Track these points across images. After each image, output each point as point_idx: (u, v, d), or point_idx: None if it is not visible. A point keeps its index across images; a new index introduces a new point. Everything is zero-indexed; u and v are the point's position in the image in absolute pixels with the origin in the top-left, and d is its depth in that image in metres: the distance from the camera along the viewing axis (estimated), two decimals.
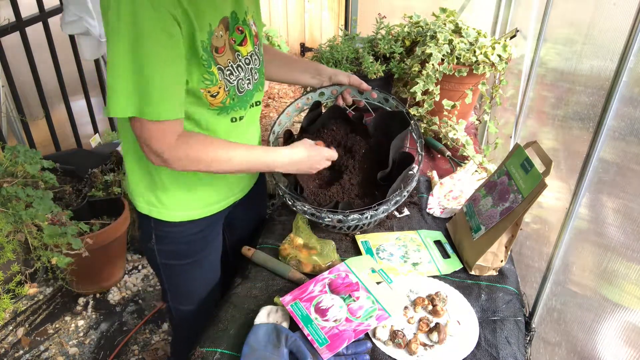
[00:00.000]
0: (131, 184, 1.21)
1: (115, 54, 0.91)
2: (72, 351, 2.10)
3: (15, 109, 2.35)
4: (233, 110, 1.14)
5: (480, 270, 1.22)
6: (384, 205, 1.22)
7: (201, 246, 1.29)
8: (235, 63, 1.09)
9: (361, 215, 1.21)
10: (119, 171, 2.43)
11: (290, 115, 1.46)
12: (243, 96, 1.14)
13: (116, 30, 0.89)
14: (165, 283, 1.34)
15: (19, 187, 1.62)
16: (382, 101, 1.40)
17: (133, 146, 1.12)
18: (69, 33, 2.29)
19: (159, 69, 0.92)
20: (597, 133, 1.06)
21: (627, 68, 0.98)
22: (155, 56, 0.91)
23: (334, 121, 1.42)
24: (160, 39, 0.91)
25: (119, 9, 0.87)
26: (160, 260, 1.28)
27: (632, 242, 0.94)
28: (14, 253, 1.59)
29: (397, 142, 1.28)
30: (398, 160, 1.28)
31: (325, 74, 1.38)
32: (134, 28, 0.88)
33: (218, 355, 1.02)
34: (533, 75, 1.70)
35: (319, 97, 1.44)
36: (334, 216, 1.22)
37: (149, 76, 0.92)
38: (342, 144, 1.40)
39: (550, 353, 1.28)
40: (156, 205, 1.19)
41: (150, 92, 0.93)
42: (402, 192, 1.24)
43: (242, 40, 1.10)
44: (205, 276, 1.36)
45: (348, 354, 0.99)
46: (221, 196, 1.26)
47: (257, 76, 1.19)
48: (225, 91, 1.08)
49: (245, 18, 1.10)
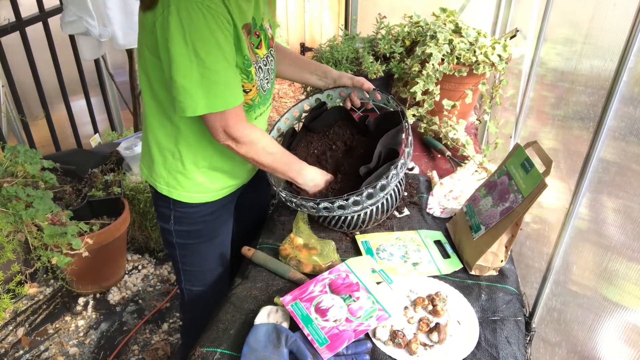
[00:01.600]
0: (151, 166, 1.29)
1: (177, 55, 1.00)
2: (72, 351, 2.10)
3: (15, 109, 2.35)
4: (258, 108, 1.25)
5: (480, 270, 1.22)
6: (355, 196, 1.19)
7: (215, 226, 1.38)
8: (257, 64, 1.18)
9: (332, 204, 1.19)
10: (119, 171, 2.44)
11: (297, 114, 1.48)
12: (265, 95, 1.26)
13: (175, 37, 0.98)
14: (180, 262, 1.42)
15: (19, 187, 1.62)
16: (385, 102, 1.40)
17: (156, 131, 1.22)
18: (69, 33, 2.29)
19: (221, 67, 1.03)
20: (597, 133, 1.06)
21: (627, 68, 0.98)
22: (216, 57, 1.02)
23: (340, 122, 1.43)
24: (217, 39, 1.01)
25: (179, 16, 0.97)
26: (176, 239, 1.36)
27: (632, 242, 0.94)
28: (14, 253, 1.59)
29: (385, 139, 1.27)
30: (384, 156, 1.27)
31: (330, 76, 1.44)
32: (191, 34, 0.98)
33: (218, 355, 1.02)
34: (533, 75, 1.70)
35: (327, 98, 1.46)
36: (307, 203, 1.21)
37: (214, 75, 1.03)
38: (346, 144, 1.40)
39: (550, 353, 1.28)
40: (176, 187, 1.27)
41: (219, 87, 1.04)
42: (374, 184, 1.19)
43: (258, 44, 1.19)
44: (217, 255, 1.44)
45: (348, 354, 0.99)
46: (234, 179, 1.35)
47: (272, 76, 1.29)
48: (257, 89, 1.19)
49: (262, 23, 1.19)
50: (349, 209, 1.21)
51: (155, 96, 1.17)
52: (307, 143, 1.43)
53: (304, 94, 2.06)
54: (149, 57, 1.11)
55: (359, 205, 1.20)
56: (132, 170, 2.46)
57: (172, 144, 1.22)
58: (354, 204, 1.20)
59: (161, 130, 1.22)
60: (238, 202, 1.46)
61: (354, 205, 1.20)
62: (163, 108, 1.18)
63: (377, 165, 1.24)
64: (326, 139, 1.43)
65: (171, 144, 1.23)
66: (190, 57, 1.00)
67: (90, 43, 2.37)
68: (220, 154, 1.26)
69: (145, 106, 1.22)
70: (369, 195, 1.19)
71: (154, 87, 1.16)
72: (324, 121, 1.42)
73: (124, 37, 2.29)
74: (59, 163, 2.04)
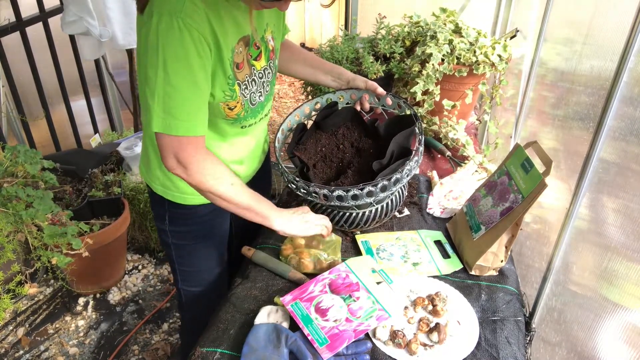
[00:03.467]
0: (148, 167, 1.28)
1: (149, 70, 0.98)
2: (72, 351, 2.10)
3: (15, 109, 2.35)
4: (245, 121, 1.21)
5: (480, 270, 1.22)
6: (370, 186, 1.19)
7: (211, 227, 1.37)
8: (251, 77, 1.16)
9: (346, 193, 1.19)
10: (119, 171, 2.44)
11: (308, 112, 1.49)
12: (255, 108, 1.21)
13: (151, 48, 0.96)
14: (176, 263, 1.41)
15: (19, 187, 1.62)
16: (396, 107, 1.40)
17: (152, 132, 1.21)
18: (69, 33, 2.29)
19: (186, 88, 0.99)
20: (597, 133, 1.06)
21: (627, 68, 0.98)
22: (184, 77, 0.98)
23: (349, 123, 1.44)
24: (189, 59, 0.97)
25: (157, 28, 0.94)
26: (172, 240, 1.36)
27: (632, 242, 0.94)
28: (14, 253, 1.59)
29: (399, 138, 1.28)
30: (396, 154, 1.28)
31: (345, 78, 1.43)
32: (165, 48, 0.95)
33: (218, 355, 1.02)
34: (533, 75, 1.70)
35: (338, 99, 1.47)
36: (320, 190, 1.21)
37: (177, 94, 0.98)
38: (354, 145, 1.41)
39: (550, 353, 1.28)
40: (171, 188, 1.27)
41: (178, 109, 1.00)
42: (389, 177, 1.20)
43: (257, 56, 1.17)
44: (213, 256, 1.43)
45: (348, 354, 0.99)
46: None
47: (268, 88, 1.25)
48: (242, 105, 1.16)
49: (263, 35, 1.17)
50: (362, 200, 1.21)
51: None
52: (315, 140, 1.43)
53: (304, 94, 2.06)
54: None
55: (372, 196, 1.21)
56: (132, 171, 2.46)
57: None
58: (368, 195, 1.20)
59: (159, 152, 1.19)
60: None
61: (368, 196, 1.21)
62: None
63: (390, 161, 1.26)
64: (334, 139, 1.44)
65: None
66: (158, 71, 0.96)
67: (90, 43, 2.37)
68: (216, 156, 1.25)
69: (143, 106, 1.22)
70: (383, 188, 1.20)
71: None
72: (333, 120, 1.43)
73: (124, 37, 2.30)
74: (59, 163, 2.04)
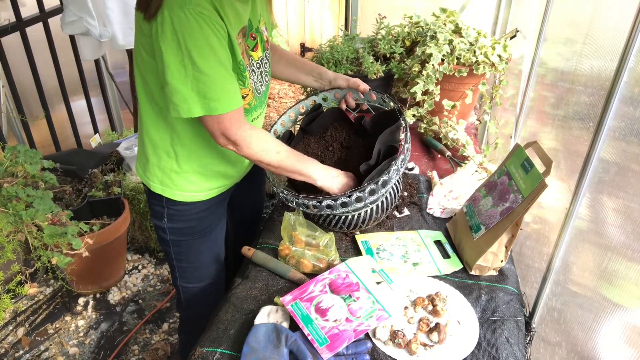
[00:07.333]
0: (146, 165, 1.30)
1: (171, 60, 1.00)
2: (72, 351, 2.10)
3: (15, 109, 2.35)
4: (254, 111, 1.25)
5: (480, 270, 1.22)
6: (357, 192, 1.18)
7: (208, 222, 1.39)
8: (250, 68, 1.18)
9: (334, 202, 1.19)
10: (118, 171, 2.44)
11: (293, 117, 1.47)
12: (260, 97, 1.25)
13: (169, 43, 0.99)
14: (174, 259, 1.43)
15: (19, 187, 1.62)
16: (381, 102, 1.40)
17: (151, 131, 1.23)
18: (69, 33, 2.29)
19: (214, 71, 1.02)
20: (597, 133, 1.06)
21: (627, 68, 0.98)
22: (208, 60, 1.01)
23: (335, 123, 1.43)
24: (210, 42, 1.00)
25: (172, 23, 0.97)
26: (170, 237, 1.37)
27: (632, 242, 0.94)
28: (14, 253, 1.59)
29: (384, 137, 1.27)
30: (383, 153, 1.27)
31: (326, 78, 1.44)
32: (185, 39, 0.98)
33: (218, 355, 1.02)
34: (533, 75, 1.70)
35: (322, 100, 1.46)
36: (309, 202, 1.21)
37: (207, 78, 1.02)
38: (344, 145, 1.41)
39: (550, 353, 1.28)
40: (170, 186, 1.28)
41: (212, 90, 1.03)
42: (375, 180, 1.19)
43: (254, 46, 1.19)
44: (211, 251, 1.45)
45: (348, 354, 0.99)
46: (228, 178, 1.37)
47: (267, 78, 1.29)
48: (252, 93, 1.19)
49: (258, 25, 1.19)
50: (352, 206, 1.21)
51: (151, 96, 1.18)
52: (304, 146, 1.43)
53: (304, 94, 2.06)
54: (145, 58, 1.11)
55: (361, 202, 1.20)
56: (132, 171, 2.47)
57: (167, 144, 1.23)
58: (357, 201, 1.20)
59: (156, 130, 1.22)
60: (232, 198, 1.48)
61: (357, 202, 1.20)
62: (158, 108, 1.18)
63: (377, 162, 1.24)
64: (323, 141, 1.43)
65: (166, 144, 1.23)
66: (185, 62, 1.00)
67: (90, 43, 2.37)
68: (214, 154, 1.27)
69: (141, 106, 1.23)
70: (371, 192, 1.19)
71: (149, 88, 1.16)
72: (319, 123, 1.42)
73: (124, 37, 2.30)
74: (59, 163, 2.04)
